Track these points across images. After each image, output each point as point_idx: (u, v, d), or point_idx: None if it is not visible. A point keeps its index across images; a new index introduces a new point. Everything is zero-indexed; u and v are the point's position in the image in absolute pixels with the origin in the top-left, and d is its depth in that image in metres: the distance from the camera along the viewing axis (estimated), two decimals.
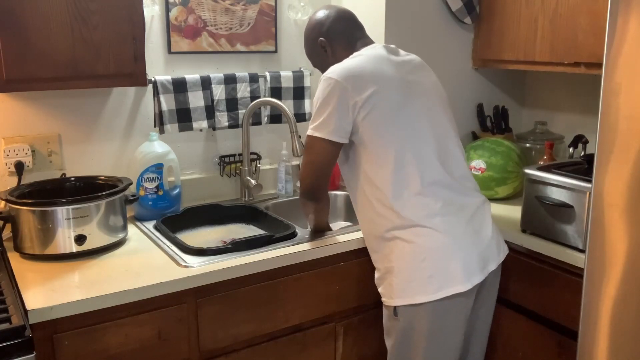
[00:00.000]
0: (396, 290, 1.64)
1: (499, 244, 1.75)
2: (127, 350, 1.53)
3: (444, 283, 1.59)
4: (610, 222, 1.49)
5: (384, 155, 1.64)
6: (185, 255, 1.72)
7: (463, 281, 1.60)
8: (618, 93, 1.44)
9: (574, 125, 2.42)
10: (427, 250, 1.60)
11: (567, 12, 2.06)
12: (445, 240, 1.61)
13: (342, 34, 1.79)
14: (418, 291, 1.60)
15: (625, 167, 1.45)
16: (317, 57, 1.85)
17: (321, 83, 1.67)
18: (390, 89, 1.65)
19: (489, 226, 1.72)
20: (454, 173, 1.70)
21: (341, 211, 2.36)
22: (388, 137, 1.64)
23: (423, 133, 1.67)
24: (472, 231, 1.67)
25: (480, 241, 1.67)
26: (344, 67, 1.66)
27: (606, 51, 1.45)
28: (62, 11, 1.68)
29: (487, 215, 1.74)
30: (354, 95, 1.62)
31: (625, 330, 1.49)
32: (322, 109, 1.64)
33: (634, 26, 1.39)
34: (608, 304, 1.52)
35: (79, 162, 2.04)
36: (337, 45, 1.80)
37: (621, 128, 1.44)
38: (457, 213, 1.66)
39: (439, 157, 1.68)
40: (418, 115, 1.68)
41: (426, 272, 1.59)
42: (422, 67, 1.81)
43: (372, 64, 1.68)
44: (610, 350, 1.53)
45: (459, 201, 1.68)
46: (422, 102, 1.70)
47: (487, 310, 1.80)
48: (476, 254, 1.64)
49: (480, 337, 1.83)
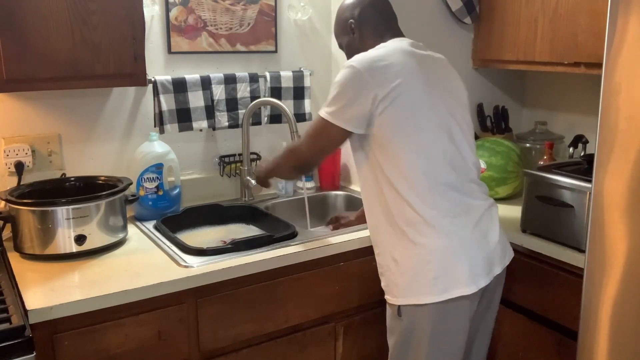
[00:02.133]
0: (401, 290, 1.63)
1: (505, 247, 1.74)
2: (127, 350, 1.53)
3: (449, 285, 1.58)
4: (610, 222, 1.49)
5: (398, 150, 1.61)
6: (185, 255, 1.72)
7: (468, 284, 1.59)
8: (618, 93, 1.44)
9: (574, 125, 2.42)
10: (434, 252, 1.59)
11: (567, 12, 2.06)
12: (452, 242, 1.60)
13: (373, 20, 1.76)
14: (423, 292, 1.59)
15: (625, 167, 1.45)
16: (344, 38, 1.82)
17: (344, 69, 1.63)
18: (412, 85, 1.62)
19: (496, 230, 1.70)
20: (465, 175, 1.68)
21: (341, 212, 2.36)
22: (404, 134, 1.61)
23: (439, 133, 1.65)
24: (479, 234, 1.65)
25: (487, 244, 1.66)
26: (369, 57, 1.63)
27: (606, 51, 1.45)
28: (62, 11, 1.68)
29: (495, 218, 1.72)
30: (375, 88, 1.58)
31: (625, 330, 1.49)
32: (340, 95, 1.62)
33: (634, 26, 1.39)
34: (608, 304, 1.52)
35: (79, 162, 2.04)
36: (365, 31, 1.76)
37: (621, 128, 1.44)
38: (465, 215, 1.64)
39: (451, 158, 1.65)
40: (437, 114, 1.65)
41: (432, 274, 1.58)
42: (446, 66, 1.78)
43: (397, 57, 1.64)
44: (610, 350, 1.53)
45: (467, 203, 1.66)
46: (442, 100, 1.67)
47: (491, 314, 1.79)
48: (482, 257, 1.63)
49: (483, 340, 1.82)
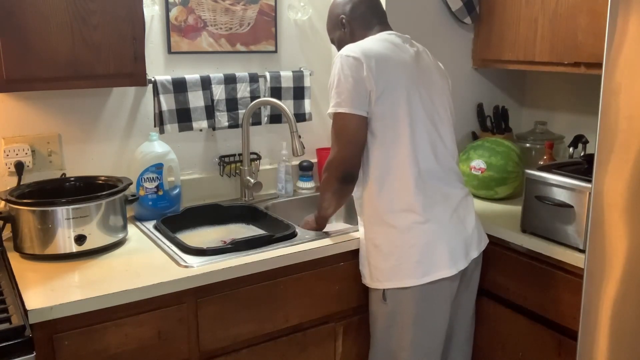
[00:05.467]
0: (385, 274, 1.71)
1: (480, 234, 1.84)
2: (127, 350, 1.53)
3: (431, 268, 1.68)
4: (610, 222, 1.49)
5: (384, 140, 1.69)
6: (185, 255, 1.72)
7: (449, 266, 1.69)
8: (618, 93, 1.44)
9: (574, 125, 2.42)
10: (416, 236, 1.68)
11: (567, 12, 2.06)
12: (433, 227, 1.69)
13: (363, 16, 1.83)
14: (406, 275, 1.68)
15: (625, 167, 1.45)
16: (336, 33, 1.89)
17: (338, 60, 1.68)
18: (400, 75, 1.69)
19: (472, 217, 1.81)
20: (444, 164, 1.77)
21: (341, 212, 2.36)
22: (389, 121, 1.68)
23: (422, 122, 1.72)
24: (457, 220, 1.75)
25: (465, 230, 1.76)
26: (359, 46, 1.69)
27: (606, 51, 1.45)
28: (62, 11, 1.68)
29: (471, 206, 1.83)
30: (368, 75, 1.64)
31: (625, 330, 1.49)
32: (342, 86, 1.67)
33: (634, 26, 1.39)
34: (608, 304, 1.52)
35: (79, 162, 2.04)
36: (356, 26, 1.83)
37: (621, 128, 1.44)
38: (444, 202, 1.74)
39: (432, 147, 1.74)
40: (421, 103, 1.72)
41: (414, 257, 1.67)
42: (429, 56, 1.85)
43: (386, 49, 1.72)
44: (610, 350, 1.53)
45: (446, 191, 1.75)
46: (427, 92, 1.75)
47: (469, 297, 1.88)
48: (460, 241, 1.73)
49: (463, 323, 1.89)
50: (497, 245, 1.96)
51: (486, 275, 1.96)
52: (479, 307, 1.98)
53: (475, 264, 1.82)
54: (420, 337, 1.72)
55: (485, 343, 2.03)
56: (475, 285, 1.88)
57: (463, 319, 1.88)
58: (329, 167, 1.75)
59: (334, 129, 1.71)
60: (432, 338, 1.75)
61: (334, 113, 1.69)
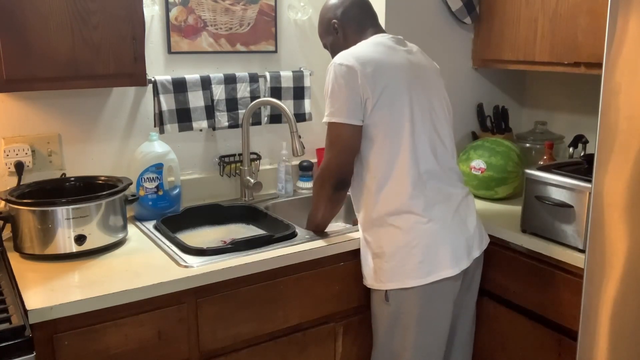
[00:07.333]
0: (388, 275, 1.70)
1: (482, 233, 1.84)
2: (127, 350, 1.53)
3: (434, 268, 1.67)
4: (610, 222, 1.49)
5: (382, 142, 1.69)
6: (185, 255, 1.72)
7: (451, 266, 1.68)
8: (618, 93, 1.44)
9: (574, 125, 2.42)
10: (418, 237, 1.68)
11: (567, 12, 2.06)
12: (435, 227, 1.69)
13: (355, 19, 1.83)
14: (409, 275, 1.68)
15: (625, 167, 1.45)
16: (328, 38, 1.89)
17: (332, 69, 1.69)
18: (397, 79, 1.69)
19: (474, 216, 1.81)
20: (444, 164, 1.77)
21: (341, 212, 2.36)
22: (389, 126, 1.68)
23: (422, 123, 1.72)
24: (459, 220, 1.75)
25: (466, 229, 1.76)
26: (353, 54, 1.69)
27: (606, 51, 1.45)
28: (62, 11, 1.68)
29: (472, 205, 1.83)
30: (363, 83, 1.64)
31: (625, 330, 1.49)
32: (336, 95, 1.67)
33: (634, 26, 1.39)
34: (608, 304, 1.52)
35: (79, 162, 2.04)
36: (349, 29, 1.83)
37: (621, 128, 1.44)
38: (446, 202, 1.74)
39: (432, 147, 1.74)
40: (419, 105, 1.72)
41: (417, 258, 1.67)
42: (424, 56, 1.85)
43: (380, 53, 1.71)
44: (610, 350, 1.53)
45: (447, 191, 1.75)
46: (424, 93, 1.75)
47: (471, 297, 1.88)
48: (463, 241, 1.73)
49: (465, 323, 1.89)
50: (497, 246, 1.96)
51: (486, 276, 1.96)
52: (479, 307, 1.98)
53: (477, 263, 1.82)
54: (423, 337, 1.72)
55: (485, 343, 2.03)
56: (476, 285, 1.89)
57: (465, 319, 1.88)
58: (323, 174, 1.77)
59: (328, 137, 1.73)
60: (435, 338, 1.75)
61: (328, 122, 1.70)
